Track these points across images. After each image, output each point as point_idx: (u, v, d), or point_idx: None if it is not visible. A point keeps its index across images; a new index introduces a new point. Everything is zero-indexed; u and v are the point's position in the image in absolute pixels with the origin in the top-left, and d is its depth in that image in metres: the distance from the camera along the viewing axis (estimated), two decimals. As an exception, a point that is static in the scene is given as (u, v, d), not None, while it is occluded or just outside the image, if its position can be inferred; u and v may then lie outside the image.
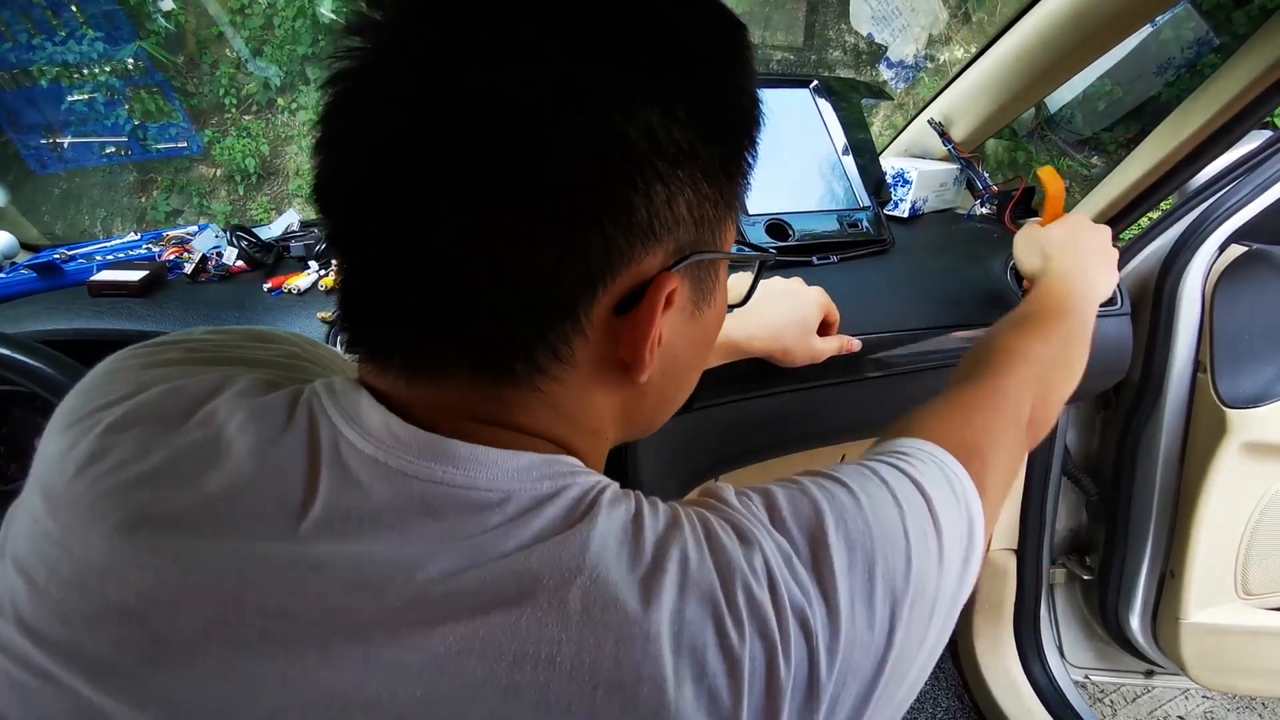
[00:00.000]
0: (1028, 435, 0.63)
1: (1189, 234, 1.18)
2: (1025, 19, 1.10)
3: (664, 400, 0.46)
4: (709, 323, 0.45)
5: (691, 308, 0.42)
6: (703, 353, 0.46)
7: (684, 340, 0.42)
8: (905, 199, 1.24)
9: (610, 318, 0.37)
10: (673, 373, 0.43)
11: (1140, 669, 1.57)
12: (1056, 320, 0.74)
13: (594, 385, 0.39)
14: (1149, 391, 1.25)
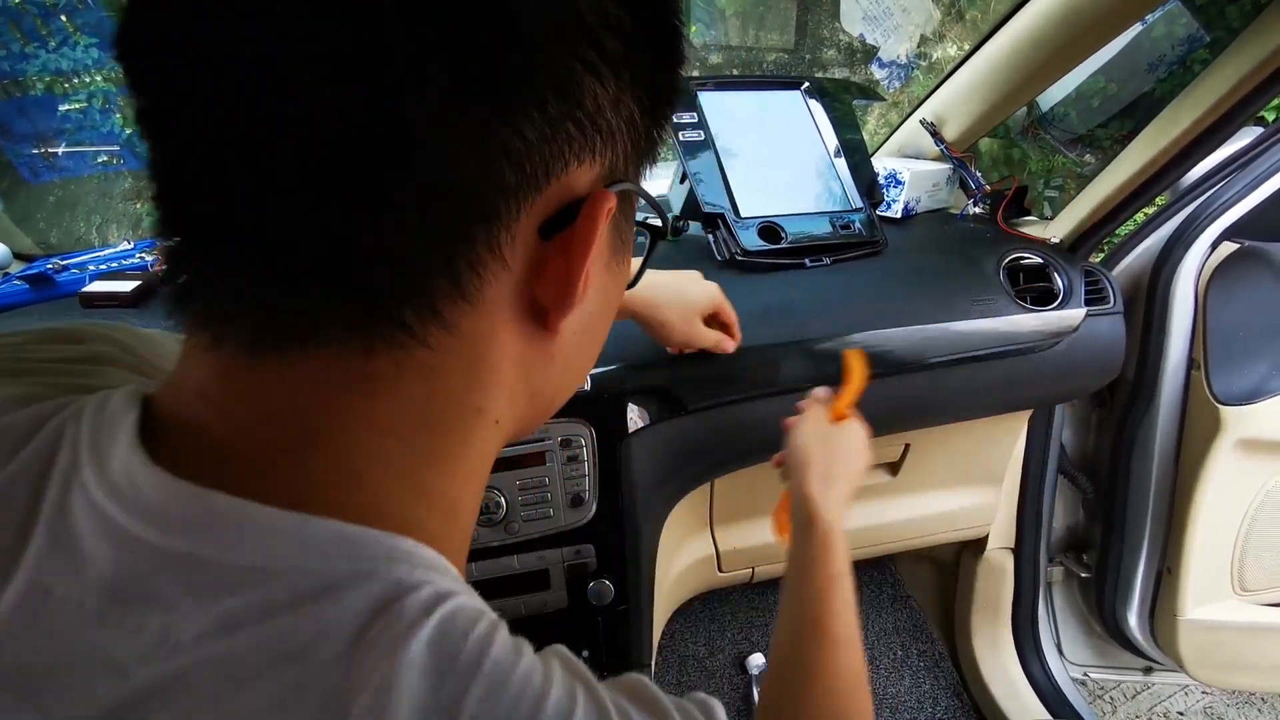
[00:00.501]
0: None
1: (1181, 231, 1.19)
2: (1016, 18, 1.10)
3: (569, 370, 0.38)
4: (620, 283, 0.39)
5: (610, 254, 0.36)
6: (608, 321, 0.40)
7: (597, 295, 0.36)
8: (898, 199, 1.24)
9: (535, 241, 0.30)
10: (584, 333, 0.37)
11: (1139, 666, 1.57)
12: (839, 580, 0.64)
13: (497, 338, 0.31)
14: (1143, 389, 1.25)
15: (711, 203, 1.06)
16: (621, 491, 0.93)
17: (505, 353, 0.32)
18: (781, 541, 0.74)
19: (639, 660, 0.97)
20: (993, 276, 1.08)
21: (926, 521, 1.37)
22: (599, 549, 0.94)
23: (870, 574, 1.78)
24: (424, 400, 0.31)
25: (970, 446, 1.31)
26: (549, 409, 0.40)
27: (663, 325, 0.83)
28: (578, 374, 0.40)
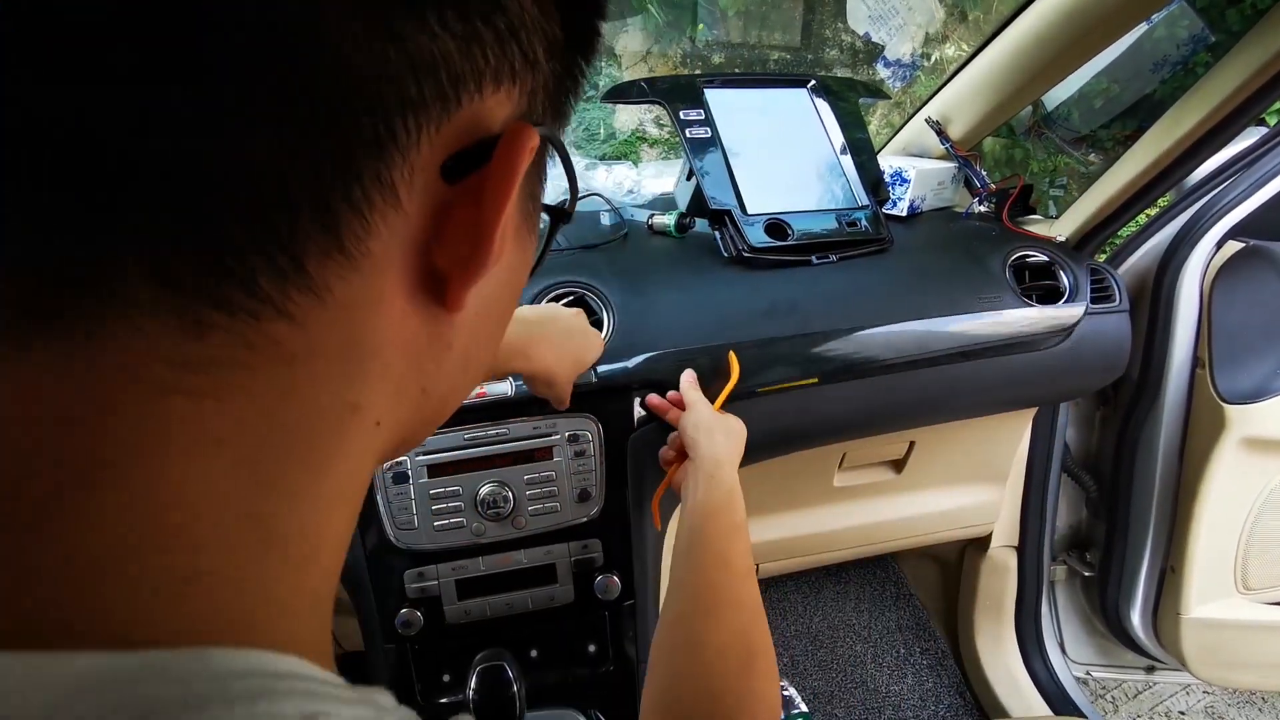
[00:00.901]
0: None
1: (1186, 230, 1.19)
2: (1021, 17, 1.10)
3: (466, 366, 0.30)
4: (525, 264, 0.32)
5: (521, 220, 0.29)
6: (510, 309, 0.34)
7: (503, 272, 0.29)
8: (903, 198, 1.25)
9: (437, 184, 0.24)
10: (485, 319, 0.30)
11: (1141, 665, 1.58)
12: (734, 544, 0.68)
13: (384, 311, 0.24)
14: (1148, 388, 1.25)
15: (718, 200, 1.06)
16: (628, 486, 0.94)
17: (394, 331, 0.25)
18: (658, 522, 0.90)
19: (645, 655, 0.98)
20: (998, 274, 1.08)
21: (930, 519, 1.37)
22: (606, 544, 0.94)
23: (873, 572, 1.78)
24: (278, 398, 0.22)
25: (974, 444, 1.31)
26: (437, 416, 0.32)
27: (551, 386, 0.76)
28: (474, 373, 0.33)
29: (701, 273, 1.05)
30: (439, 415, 0.32)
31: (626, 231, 1.17)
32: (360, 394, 0.25)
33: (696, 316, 0.98)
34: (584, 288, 0.99)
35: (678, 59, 4.78)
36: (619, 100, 1.13)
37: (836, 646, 1.64)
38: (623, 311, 0.97)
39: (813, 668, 1.61)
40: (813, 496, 1.30)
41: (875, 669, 1.60)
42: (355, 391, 0.24)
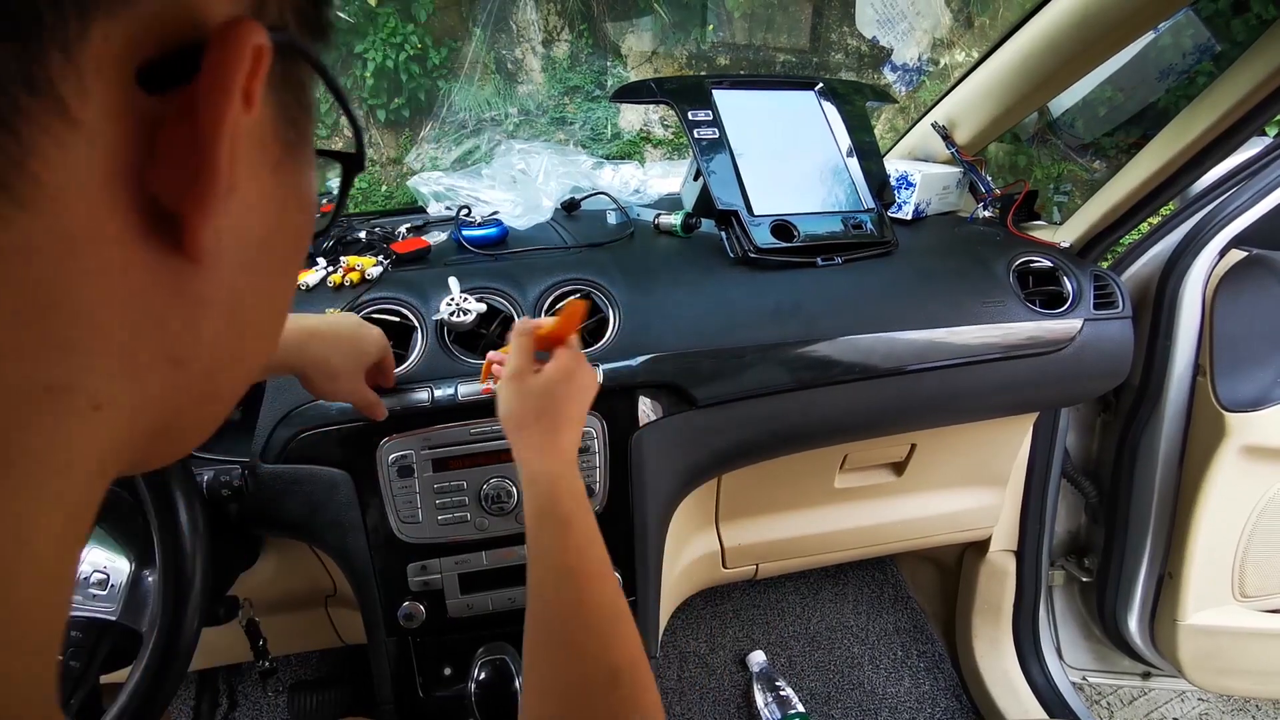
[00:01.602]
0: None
1: (1190, 239, 1.20)
2: (1029, 24, 1.11)
3: (242, 328, 0.26)
4: (303, 202, 0.28)
5: (280, 150, 0.25)
6: (294, 256, 0.29)
7: (269, 208, 0.25)
8: (909, 201, 1.25)
9: (135, 95, 0.19)
10: (258, 266, 0.26)
11: (1137, 671, 1.58)
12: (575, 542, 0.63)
13: (79, 257, 0.19)
14: (1149, 394, 1.26)
15: (725, 200, 1.07)
16: (632, 484, 0.94)
17: (104, 284, 0.20)
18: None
19: (647, 653, 0.98)
20: (1003, 279, 1.08)
21: (930, 522, 1.38)
22: (608, 541, 0.94)
23: (871, 574, 1.78)
24: None
25: (976, 448, 1.31)
26: (216, 393, 0.27)
27: (332, 379, 0.73)
28: (259, 338, 0.28)
29: (707, 272, 1.05)
30: (217, 391, 0.27)
31: (633, 230, 1.17)
32: (62, 370, 0.19)
33: (702, 316, 0.99)
34: (590, 285, 1.00)
35: (683, 60, 4.79)
36: (628, 100, 1.14)
37: (834, 648, 1.65)
38: (628, 310, 0.98)
39: (810, 668, 1.61)
40: (814, 497, 1.30)
41: (872, 671, 1.61)
42: (52, 367, 0.19)
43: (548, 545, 0.61)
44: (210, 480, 0.80)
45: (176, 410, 0.25)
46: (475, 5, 4.73)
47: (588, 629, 0.57)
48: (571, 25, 4.77)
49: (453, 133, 4.64)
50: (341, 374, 0.74)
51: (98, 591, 0.70)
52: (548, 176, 1.27)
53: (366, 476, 0.88)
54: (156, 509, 0.68)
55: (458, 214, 1.16)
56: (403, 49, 4.60)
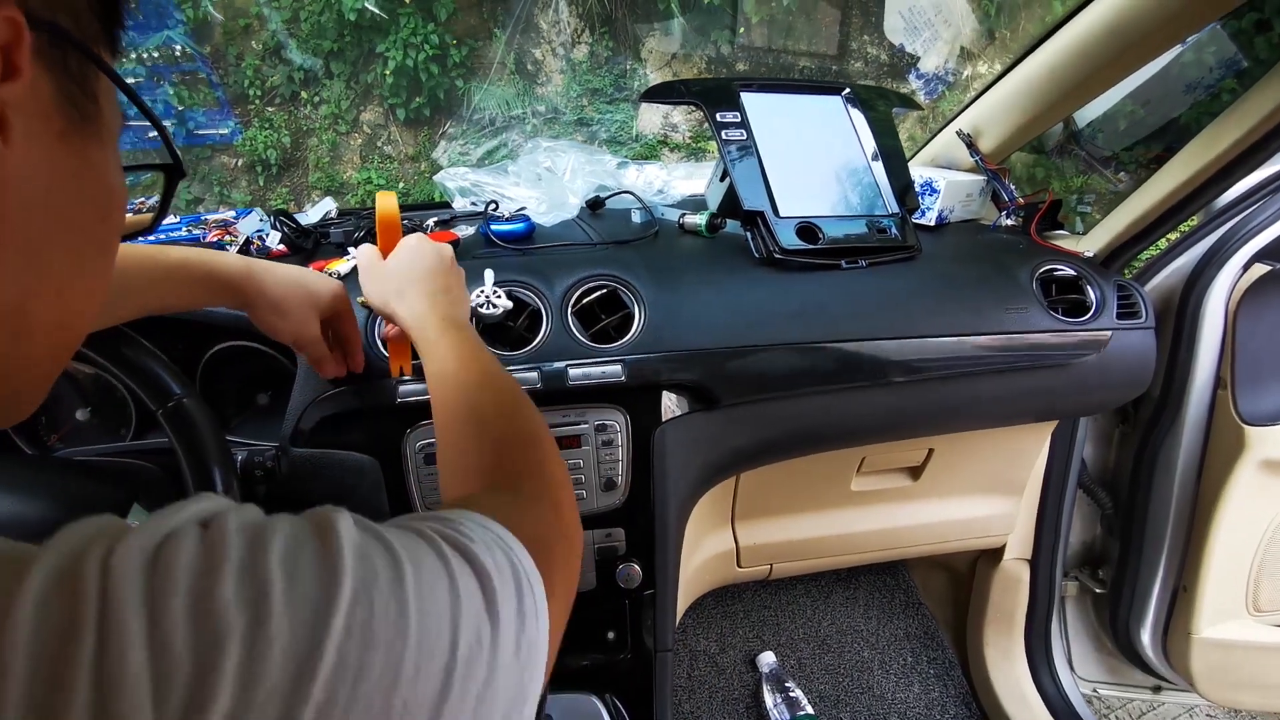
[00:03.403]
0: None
1: (1213, 252, 1.20)
2: (1058, 34, 1.11)
3: (34, 265, 0.30)
4: (97, 172, 0.32)
5: (61, 121, 0.30)
6: (98, 223, 0.33)
7: (59, 180, 0.30)
8: (932, 208, 1.26)
9: None
10: (51, 232, 0.30)
11: (1148, 684, 1.58)
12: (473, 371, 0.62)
13: None
14: (1169, 406, 1.26)
15: (752, 201, 1.08)
16: (653, 478, 0.95)
17: None
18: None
19: (663, 644, 0.99)
20: (1026, 286, 1.09)
21: (945, 527, 1.38)
22: (629, 533, 0.96)
23: (883, 578, 1.79)
24: None
25: (993, 455, 1.32)
26: (29, 326, 0.31)
27: (281, 314, 0.73)
28: (64, 282, 0.32)
29: (732, 272, 1.06)
30: (24, 326, 0.30)
31: (657, 229, 1.18)
32: None
33: (726, 315, 1.00)
34: (616, 281, 1.01)
35: (702, 65, 4.81)
36: (658, 99, 1.15)
37: (844, 651, 1.65)
38: (653, 306, 0.99)
39: (819, 671, 1.61)
40: (830, 499, 1.31)
41: (882, 675, 1.61)
42: None
43: (443, 354, 0.63)
44: (244, 460, 0.82)
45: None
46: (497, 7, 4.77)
47: (498, 403, 0.59)
48: (592, 28, 4.80)
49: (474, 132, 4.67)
50: (290, 311, 0.73)
51: (135, 565, 0.71)
52: (574, 174, 1.29)
53: (393, 462, 0.90)
54: (197, 489, 0.69)
55: (486, 209, 1.18)
56: (422, 49, 4.64)
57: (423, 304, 0.68)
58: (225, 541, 0.26)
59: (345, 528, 0.29)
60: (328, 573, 0.27)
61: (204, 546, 0.26)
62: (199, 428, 0.71)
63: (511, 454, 0.54)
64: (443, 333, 0.65)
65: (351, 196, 4.80)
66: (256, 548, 0.27)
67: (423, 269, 0.72)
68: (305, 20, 4.71)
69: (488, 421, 0.57)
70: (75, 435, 1.02)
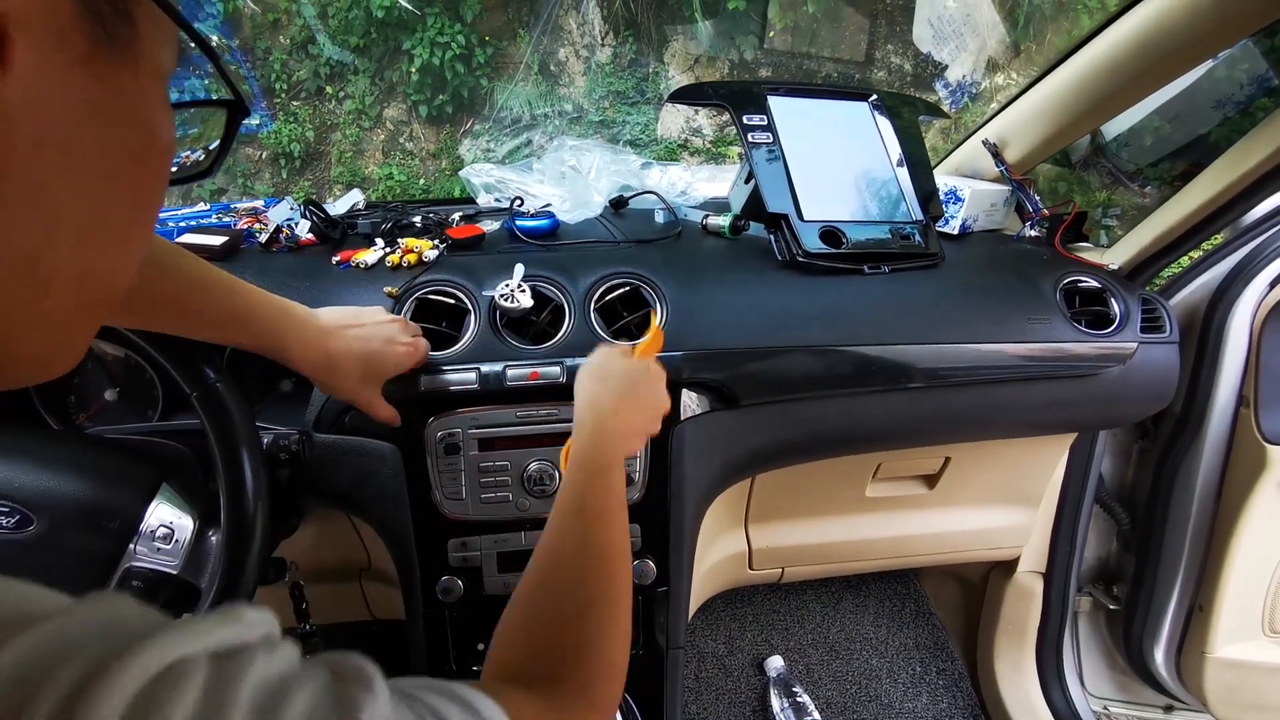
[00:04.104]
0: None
1: (1240, 269, 1.19)
2: (1087, 47, 1.11)
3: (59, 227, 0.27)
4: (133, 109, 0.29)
5: (83, 43, 0.26)
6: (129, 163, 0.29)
7: (77, 110, 0.26)
8: (956, 216, 1.26)
9: None
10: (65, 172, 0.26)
11: (1160, 703, 1.56)
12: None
13: None
14: (1190, 423, 1.25)
15: (776, 204, 1.08)
16: (670, 475, 0.96)
17: None
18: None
19: (675, 642, 0.99)
20: (1049, 297, 1.09)
21: (959, 537, 1.38)
22: (644, 529, 0.96)
23: (894, 587, 1.78)
24: None
25: (1010, 466, 1.31)
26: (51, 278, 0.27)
27: (349, 391, 0.79)
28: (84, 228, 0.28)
29: (754, 274, 1.07)
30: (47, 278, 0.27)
31: (680, 230, 1.19)
32: None
33: (748, 316, 1.00)
34: (639, 279, 1.02)
35: (725, 69, 4.82)
36: (685, 101, 1.16)
37: (852, 659, 1.64)
38: (675, 306, 0.99)
39: (827, 678, 1.61)
40: (845, 504, 1.31)
41: (890, 684, 1.60)
42: None
43: (574, 479, 0.63)
44: (270, 444, 0.83)
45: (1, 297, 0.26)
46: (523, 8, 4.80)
47: (581, 554, 0.58)
48: (617, 31, 4.82)
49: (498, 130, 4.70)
50: (357, 389, 0.79)
51: (162, 545, 0.73)
52: (599, 173, 1.30)
53: (414, 452, 0.91)
54: (226, 472, 0.71)
55: (511, 204, 1.19)
56: (449, 48, 4.68)
57: (603, 417, 0.69)
58: (234, 700, 0.22)
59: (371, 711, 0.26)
60: None
61: (206, 699, 0.22)
62: (230, 412, 0.72)
63: (565, 659, 0.52)
64: (598, 469, 0.64)
65: (373, 191, 4.84)
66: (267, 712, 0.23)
67: (641, 392, 0.74)
68: (333, 16, 4.76)
69: (567, 605, 0.55)
70: (103, 415, 1.04)
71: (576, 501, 0.61)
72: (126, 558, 0.72)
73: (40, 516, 0.68)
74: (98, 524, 0.70)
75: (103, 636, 0.22)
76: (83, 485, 0.71)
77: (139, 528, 0.72)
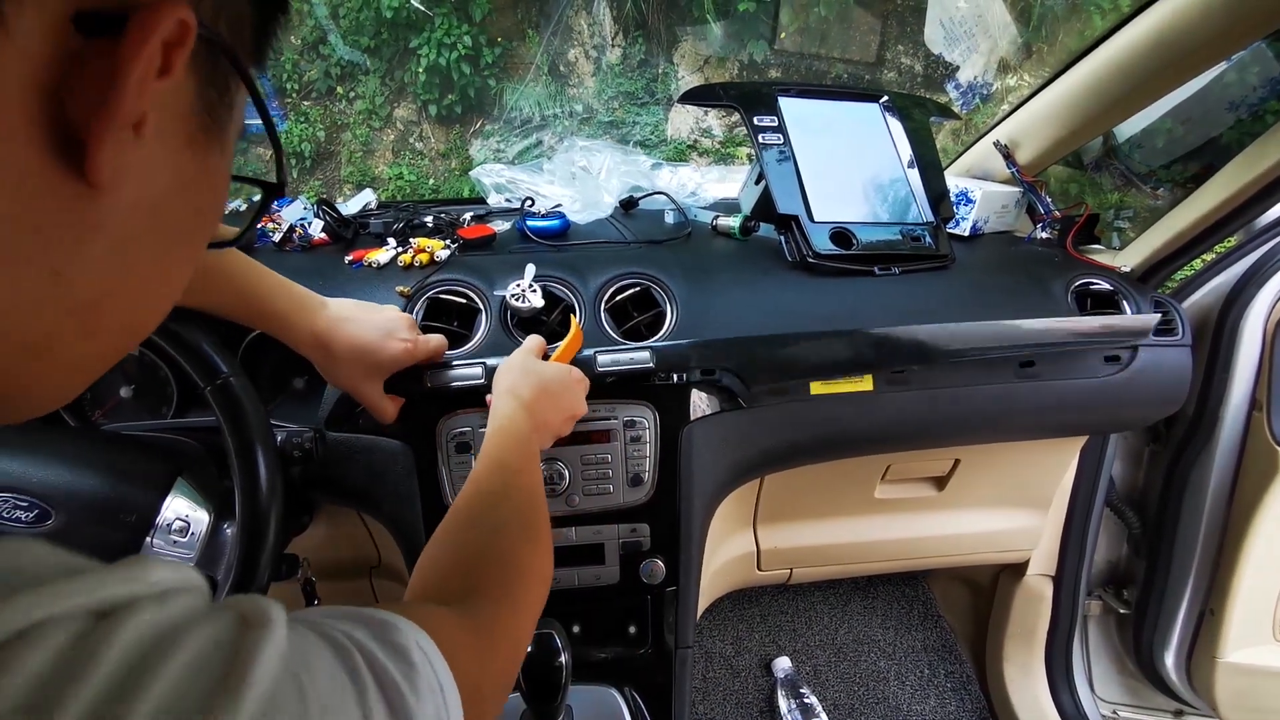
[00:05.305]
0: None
1: (1253, 271, 1.18)
2: (1100, 49, 1.11)
3: (127, 265, 0.29)
4: (213, 184, 0.32)
5: (194, 129, 0.29)
6: (195, 233, 0.33)
7: (175, 183, 0.29)
8: (967, 218, 1.25)
9: (65, 29, 0.23)
10: (154, 217, 0.29)
11: (1170, 708, 1.55)
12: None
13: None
14: (1202, 426, 1.24)
15: (787, 205, 1.08)
16: (679, 475, 0.96)
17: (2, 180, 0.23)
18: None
19: (683, 641, 1.00)
20: (1061, 299, 1.08)
21: (968, 539, 1.37)
22: (654, 529, 0.96)
23: (902, 589, 1.78)
24: None
25: (1020, 469, 1.31)
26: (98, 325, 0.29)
27: (346, 378, 0.82)
28: (145, 285, 0.31)
29: (764, 274, 1.07)
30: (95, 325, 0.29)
31: (690, 230, 1.19)
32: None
33: (758, 316, 1.00)
34: (649, 279, 1.02)
35: (735, 70, 4.81)
36: (696, 102, 1.16)
37: (860, 660, 1.64)
38: (685, 305, 1.00)
39: (835, 679, 1.61)
40: (854, 506, 1.31)
41: (898, 687, 1.60)
42: None
43: (492, 446, 0.68)
44: (283, 441, 0.84)
45: (50, 334, 0.27)
46: (532, 8, 4.81)
47: (508, 494, 0.63)
48: (626, 32, 4.83)
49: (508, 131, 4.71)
50: (355, 378, 0.82)
51: (178, 538, 0.73)
52: (609, 174, 1.30)
53: (426, 448, 0.91)
54: (240, 467, 0.72)
55: (522, 205, 1.19)
56: (455, 49, 4.69)
57: (522, 401, 0.75)
58: (98, 660, 0.21)
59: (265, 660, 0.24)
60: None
61: (61, 659, 0.20)
62: (244, 406, 0.73)
63: (485, 569, 0.55)
64: (515, 438, 0.70)
65: (383, 191, 4.86)
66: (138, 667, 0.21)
67: (555, 390, 0.80)
68: (344, 17, 4.78)
69: (486, 526, 0.60)
70: (118, 411, 1.05)
71: (493, 459, 0.66)
72: (144, 550, 0.72)
73: (59, 510, 0.69)
74: (115, 518, 0.71)
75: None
76: (100, 480, 0.72)
77: (155, 521, 0.72)
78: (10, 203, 0.24)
